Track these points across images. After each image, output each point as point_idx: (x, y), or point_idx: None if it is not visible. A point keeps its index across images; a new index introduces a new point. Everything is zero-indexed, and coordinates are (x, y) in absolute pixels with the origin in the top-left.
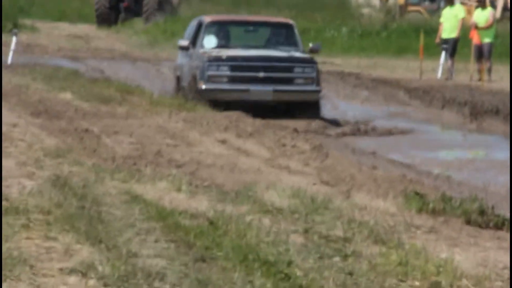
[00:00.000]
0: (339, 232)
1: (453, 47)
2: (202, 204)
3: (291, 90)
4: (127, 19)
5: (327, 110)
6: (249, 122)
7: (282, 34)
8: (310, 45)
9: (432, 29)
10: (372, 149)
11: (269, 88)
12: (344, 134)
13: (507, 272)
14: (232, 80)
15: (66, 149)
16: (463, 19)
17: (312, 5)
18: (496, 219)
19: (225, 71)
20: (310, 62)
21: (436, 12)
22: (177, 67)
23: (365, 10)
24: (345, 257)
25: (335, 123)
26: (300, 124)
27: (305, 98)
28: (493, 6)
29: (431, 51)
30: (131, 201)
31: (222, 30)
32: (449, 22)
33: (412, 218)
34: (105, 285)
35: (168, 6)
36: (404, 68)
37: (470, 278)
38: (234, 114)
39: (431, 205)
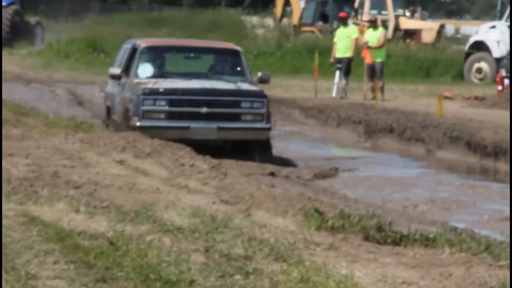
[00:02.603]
0: (239, 250)
1: (347, 66)
2: (101, 224)
3: (237, 128)
4: None
5: None
6: (146, 142)
7: (228, 61)
8: (259, 74)
9: (326, 49)
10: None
11: (213, 125)
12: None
13: (406, 286)
14: (171, 116)
15: None
16: (357, 39)
17: (206, 25)
18: (394, 235)
19: (162, 106)
20: (260, 96)
21: (329, 32)
22: (108, 97)
23: (259, 31)
24: (246, 275)
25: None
26: None
27: (253, 136)
28: (385, 26)
29: (325, 70)
30: (29, 223)
31: (159, 57)
32: (343, 42)
33: (312, 236)
34: None
35: (24, 28)
36: (299, 88)
37: None
38: (131, 135)
39: (330, 222)
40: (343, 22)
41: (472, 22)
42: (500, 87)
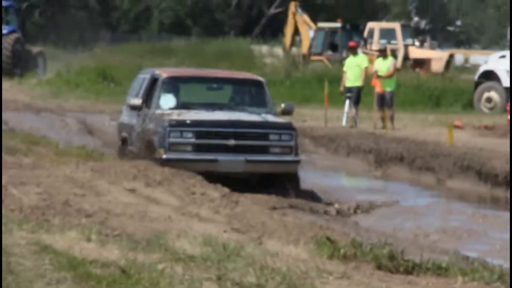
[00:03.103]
0: (252, 279)
1: (357, 95)
2: (113, 253)
3: (266, 161)
4: None
5: None
6: (157, 171)
7: (251, 92)
8: (283, 105)
9: (335, 78)
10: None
11: (241, 158)
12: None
13: None
14: (198, 148)
15: None
16: (366, 68)
17: (215, 54)
18: (406, 264)
19: (189, 138)
20: (288, 128)
21: (339, 61)
22: (123, 127)
23: (269, 60)
24: None
25: None
26: None
27: (282, 169)
28: (394, 55)
29: (335, 99)
30: (41, 251)
31: (181, 88)
32: (353, 71)
33: (324, 264)
34: None
35: (25, 56)
36: (309, 116)
37: None
38: (142, 164)
39: (342, 251)
40: (353, 51)
41: (481, 51)
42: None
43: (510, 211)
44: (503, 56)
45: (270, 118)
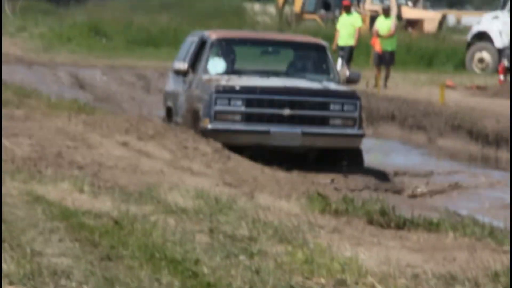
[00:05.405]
0: (244, 232)
1: (349, 54)
2: (105, 204)
3: (325, 134)
4: None
5: None
6: (150, 125)
7: (311, 58)
8: (347, 73)
9: (328, 37)
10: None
11: (297, 130)
12: None
13: (410, 269)
14: (248, 118)
15: None
16: (360, 28)
17: (207, 11)
18: (397, 219)
19: (238, 107)
20: (352, 97)
21: (331, 20)
22: (168, 96)
23: (260, 18)
24: (251, 255)
25: None
26: None
27: (343, 144)
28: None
29: None
30: (33, 202)
31: (232, 51)
32: (346, 30)
33: (316, 219)
34: (10, 283)
35: None
36: None
37: (375, 276)
38: (134, 117)
39: (333, 206)
40: (347, 9)
41: (473, 12)
42: (501, 77)
43: (510, 170)
44: (496, 17)
45: (331, 85)
